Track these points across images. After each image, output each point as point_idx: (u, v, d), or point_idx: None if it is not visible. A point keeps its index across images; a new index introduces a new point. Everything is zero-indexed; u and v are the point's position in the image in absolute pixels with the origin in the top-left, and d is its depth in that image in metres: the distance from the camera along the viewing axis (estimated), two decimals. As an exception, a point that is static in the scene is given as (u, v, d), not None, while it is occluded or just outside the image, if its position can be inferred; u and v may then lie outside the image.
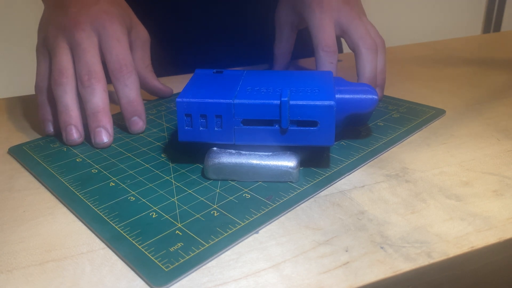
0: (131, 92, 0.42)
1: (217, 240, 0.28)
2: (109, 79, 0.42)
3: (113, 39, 0.42)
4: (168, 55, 0.65)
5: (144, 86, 0.50)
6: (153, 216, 0.30)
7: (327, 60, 0.45)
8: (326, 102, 0.33)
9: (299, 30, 0.55)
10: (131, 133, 0.42)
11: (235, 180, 0.34)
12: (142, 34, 0.48)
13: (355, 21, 0.46)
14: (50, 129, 0.43)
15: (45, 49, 0.43)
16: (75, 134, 0.40)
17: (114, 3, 0.45)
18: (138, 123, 0.42)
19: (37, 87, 0.43)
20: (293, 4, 0.51)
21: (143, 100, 0.50)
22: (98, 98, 0.40)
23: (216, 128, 0.34)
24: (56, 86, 0.40)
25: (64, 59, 0.41)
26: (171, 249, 0.27)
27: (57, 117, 0.41)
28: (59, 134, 0.42)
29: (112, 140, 0.40)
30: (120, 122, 0.45)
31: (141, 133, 0.43)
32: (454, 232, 0.29)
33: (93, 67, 0.40)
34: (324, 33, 0.46)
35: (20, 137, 0.43)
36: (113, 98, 0.49)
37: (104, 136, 0.40)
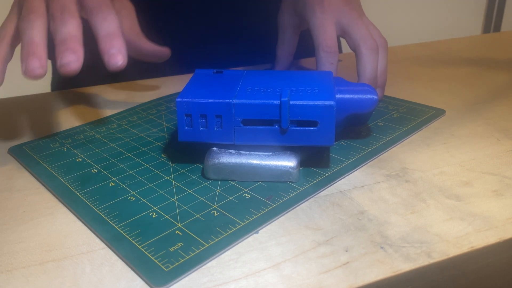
0: (110, 26, 0.37)
1: (217, 240, 0.28)
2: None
3: None
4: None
5: (140, 53, 0.47)
6: (153, 216, 0.30)
7: (327, 61, 0.45)
8: (326, 102, 0.33)
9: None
10: (110, 70, 0.37)
11: (235, 180, 0.34)
12: (127, 5, 0.46)
13: (356, 21, 0.46)
14: None
15: (18, 5, 0.40)
16: (36, 62, 0.35)
17: None
18: (117, 57, 0.36)
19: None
20: (294, 6, 0.51)
21: (141, 102, 0.50)
22: (70, 28, 0.36)
23: (216, 128, 0.34)
24: (22, 22, 0.37)
25: (36, 2, 0.38)
26: (171, 249, 0.27)
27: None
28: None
29: (81, 65, 0.35)
30: (119, 122, 0.45)
31: (121, 69, 0.37)
32: (454, 232, 0.29)
33: (68, 5, 0.37)
34: (325, 33, 0.46)
35: (20, 137, 0.43)
36: (111, 100, 0.49)
37: (72, 57, 0.35)
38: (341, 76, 0.41)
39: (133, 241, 0.28)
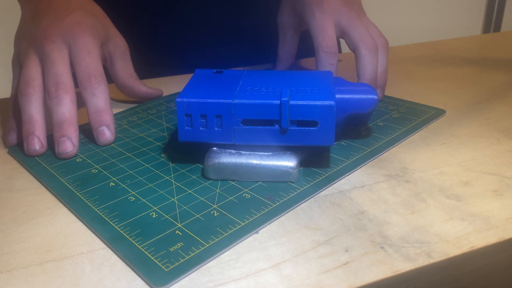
0: (99, 102, 0.41)
1: (217, 240, 0.28)
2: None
3: (83, 50, 0.41)
4: (169, 55, 0.65)
5: (133, 95, 0.49)
6: (153, 216, 0.30)
7: (327, 61, 0.45)
8: (326, 102, 0.33)
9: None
10: (99, 144, 0.40)
11: (235, 180, 0.34)
12: (120, 44, 0.47)
13: (355, 21, 0.46)
14: (13, 139, 0.41)
15: (18, 63, 0.43)
16: (36, 144, 0.38)
17: (88, 14, 0.44)
18: (106, 134, 0.40)
19: (11, 100, 0.42)
20: (294, 6, 0.51)
21: (141, 102, 0.50)
22: (65, 109, 0.39)
23: (216, 128, 0.34)
24: (21, 96, 0.39)
25: (32, 71, 0.40)
26: (171, 249, 0.27)
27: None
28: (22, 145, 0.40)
29: (76, 151, 0.39)
30: (119, 122, 0.45)
31: (109, 144, 0.40)
32: (454, 232, 0.29)
33: (61, 79, 0.39)
34: (324, 34, 0.46)
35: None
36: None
37: (68, 146, 0.38)
38: (341, 76, 0.41)
39: (133, 241, 0.28)
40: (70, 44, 0.41)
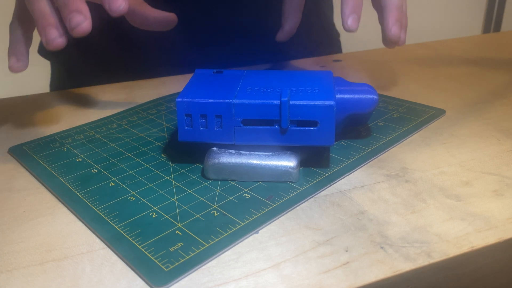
0: None
1: (217, 240, 0.28)
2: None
3: None
4: (169, 55, 0.65)
5: (145, 22, 0.46)
6: (153, 216, 0.30)
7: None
8: (326, 102, 0.33)
9: (297, 31, 0.55)
10: (112, 16, 0.35)
11: (235, 180, 0.34)
12: None
13: None
14: (14, 61, 0.38)
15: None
16: (55, 32, 0.35)
17: None
18: (117, 0, 0.35)
19: (12, 23, 0.40)
20: None
21: (141, 102, 0.50)
22: None
23: (216, 128, 0.34)
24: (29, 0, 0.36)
25: None
26: (171, 249, 0.27)
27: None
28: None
29: (90, 25, 0.34)
30: (119, 122, 0.45)
31: (124, 13, 0.35)
32: (454, 232, 0.29)
33: None
34: None
35: (20, 137, 0.43)
36: (114, 100, 0.49)
37: (80, 18, 0.34)
38: (341, 76, 0.41)
39: (133, 241, 0.28)
40: None
